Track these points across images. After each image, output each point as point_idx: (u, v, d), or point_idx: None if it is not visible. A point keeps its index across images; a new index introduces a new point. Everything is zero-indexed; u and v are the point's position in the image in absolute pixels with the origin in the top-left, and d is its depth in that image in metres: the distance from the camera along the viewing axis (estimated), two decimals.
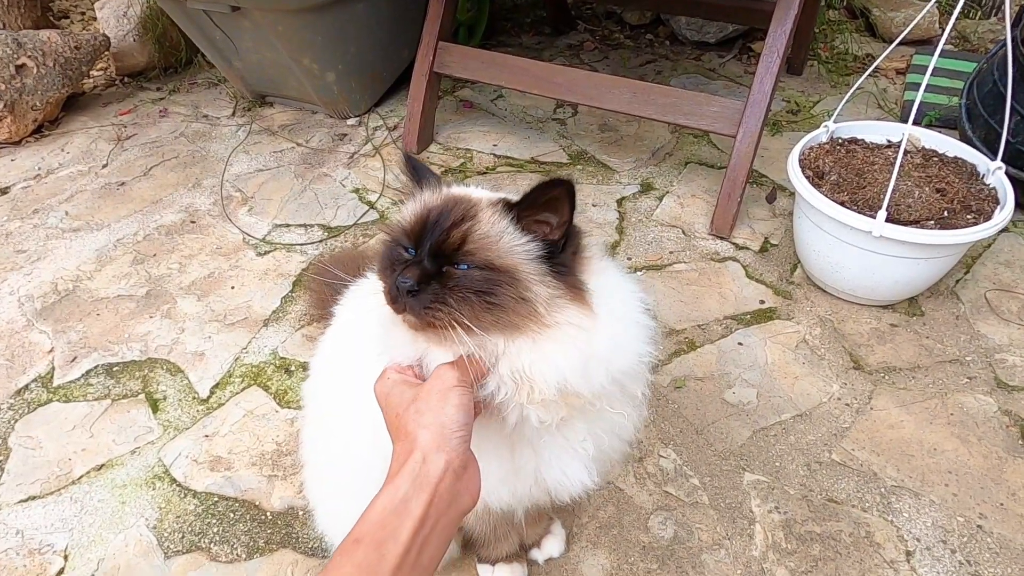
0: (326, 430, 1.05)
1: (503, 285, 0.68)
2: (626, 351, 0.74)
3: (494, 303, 0.68)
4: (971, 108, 1.97)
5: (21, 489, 1.35)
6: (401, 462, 0.66)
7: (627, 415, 0.81)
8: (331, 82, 2.39)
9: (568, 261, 0.72)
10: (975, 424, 1.40)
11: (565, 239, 0.72)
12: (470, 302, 0.67)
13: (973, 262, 1.80)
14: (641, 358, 0.77)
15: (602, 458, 0.85)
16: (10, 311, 1.77)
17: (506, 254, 0.70)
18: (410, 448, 0.66)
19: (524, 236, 0.71)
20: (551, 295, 0.69)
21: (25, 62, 2.42)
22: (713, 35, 2.99)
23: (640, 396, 0.81)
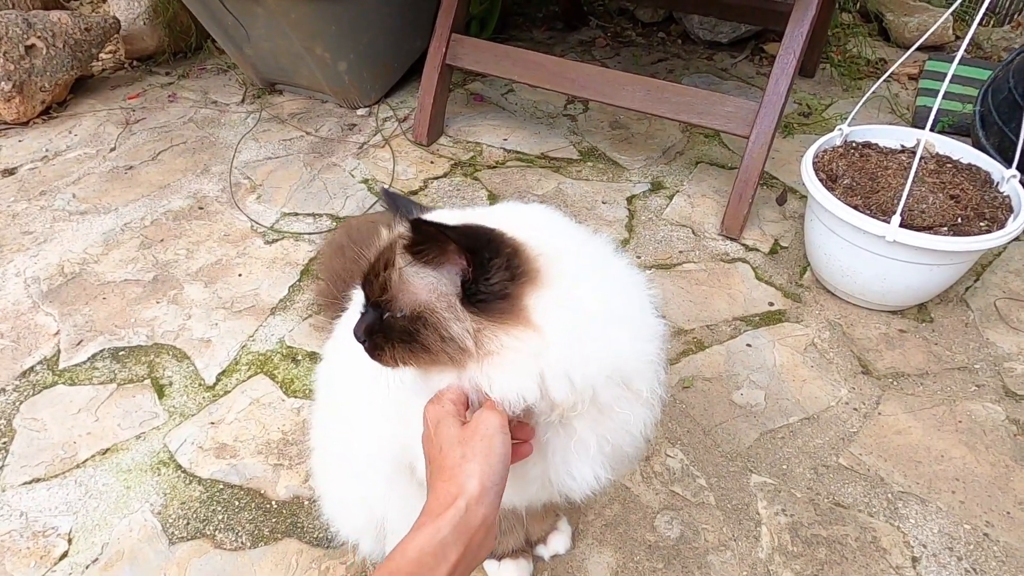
0: (337, 417, 1.04)
1: (423, 328, 0.68)
2: (597, 355, 0.70)
3: (421, 345, 0.69)
4: (985, 115, 1.97)
5: (26, 471, 1.35)
6: (444, 504, 0.66)
7: (634, 414, 0.78)
8: (342, 71, 2.38)
9: (493, 288, 0.67)
10: (983, 432, 1.40)
11: (479, 270, 0.67)
12: (404, 347, 0.70)
13: (983, 270, 1.79)
14: (639, 356, 0.74)
15: (616, 455, 0.83)
16: (16, 292, 1.76)
17: (416, 298, 0.69)
18: (455, 493, 0.66)
19: (432, 273, 0.69)
20: (476, 328, 0.67)
21: (35, 43, 2.41)
22: (726, 35, 2.98)
23: (646, 394, 0.77)
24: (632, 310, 0.75)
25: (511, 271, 0.67)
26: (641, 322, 0.76)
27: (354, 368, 0.96)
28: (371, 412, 0.91)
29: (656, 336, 0.78)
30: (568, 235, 0.76)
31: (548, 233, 0.74)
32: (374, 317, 0.72)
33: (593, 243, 0.79)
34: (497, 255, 0.67)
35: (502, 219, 0.73)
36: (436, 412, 0.71)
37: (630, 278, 0.79)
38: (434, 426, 0.71)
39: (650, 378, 0.78)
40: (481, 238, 0.67)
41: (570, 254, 0.73)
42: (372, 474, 0.98)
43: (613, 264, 0.78)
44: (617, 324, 0.72)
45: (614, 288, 0.74)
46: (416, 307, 0.69)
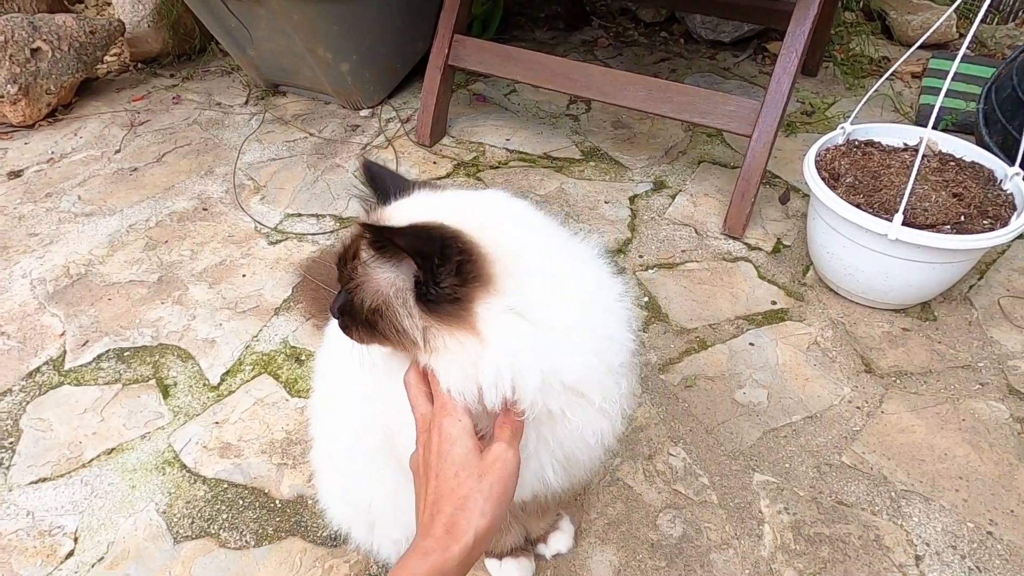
0: (328, 405, 1.05)
1: (380, 319, 0.71)
2: (538, 366, 0.70)
3: (380, 332, 0.72)
4: (989, 113, 1.96)
5: (32, 471, 1.36)
6: (454, 536, 0.67)
7: (587, 422, 0.77)
8: (345, 72, 2.39)
9: (442, 291, 0.68)
10: (987, 430, 1.40)
11: (428, 273, 0.68)
12: (367, 332, 0.73)
13: (987, 268, 1.79)
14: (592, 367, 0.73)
15: (569, 461, 0.83)
16: (23, 293, 1.77)
17: (376, 291, 0.71)
18: (466, 528, 0.67)
19: (391, 269, 0.70)
20: (424, 325, 0.69)
21: (40, 46, 2.42)
22: (728, 34, 2.98)
23: (599, 403, 0.76)
24: (593, 321, 0.74)
25: (462, 276, 0.67)
26: (603, 333, 0.75)
27: (340, 352, 0.96)
28: (355, 395, 0.92)
29: (621, 347, 0.77)
30: (538, 238, 0.75)
31: (515, 235, 0.73)
32: (345, 299, 0.75)
33: (565, 248, 0.77)
34: (446, 261, 0.67)
35: (470, 214, 0.72)
36: (453, 428, 0.71)
37: (600, 287, 0.77)
38: (449, 443, 0.70)
39: (608, 388, 0.77)
40: (433, 242, 0.67)
41: (532, 260, 0.72)
42: (358, 460, 0.98)
43: (583, 271, 0.76)
44: (570, 335, 0.71)
45: (575, 298, 0.73)
46: (375, 299, 0.71)
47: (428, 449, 0.72)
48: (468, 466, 0.69)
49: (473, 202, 0.77)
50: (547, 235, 0.77)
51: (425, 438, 0.73)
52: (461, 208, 0.74)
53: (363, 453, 0.97)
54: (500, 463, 0.70)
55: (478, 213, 0.73)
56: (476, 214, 0.73)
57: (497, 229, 0.71)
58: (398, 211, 0.75)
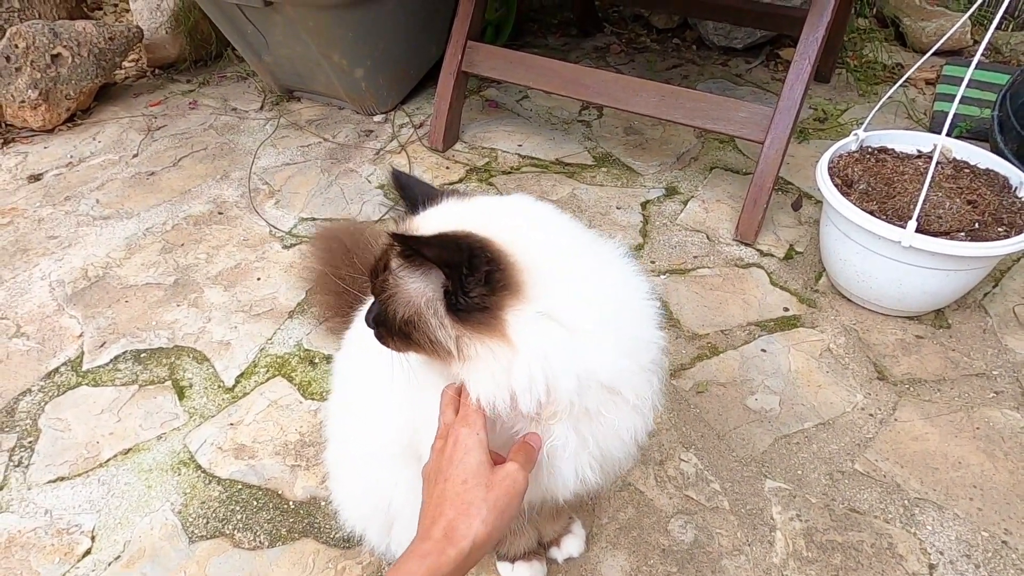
0: (350, 407, 1.06)
1: (414, 331, 0.72)
2: (572, 370, 0.71)
3: (415, 342, 0.73)
4: (1004, 120, 1.95)
5: (50, 470, 1.38)
6: (452, 540, 0.68)
7: (622, 419, 0.79)
8: (359, 78, 2.41)
9: (472, 301, 0.69)
10: (1001, 439, 1.39)
11: (456, 283, 0.69)
12: (401, 342, 0.75)
13: (1002, 276, 1.78)
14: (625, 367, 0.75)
15: (604, 458, 0.84)
16: (42, 295, 1.80)
17: (408, 302, 0.72)
18: (465, 533, 0.68)
19: (421, 279, 0.71)
20: (457, 334, 0.71)
21: (61, 52, 2.47)
22: (740, 41, 2.98)
23: (633, 401, 0.78)
24: (621, 321, 0.75)
25: (490, 285, 0.68)
26: (631, 332, 0.77)
27: (368, 357, 0.98)
28: (384, 400, 0.93)
29: (649, 345, 0.79)
30: (565, 242, 0.76)
31: (542, 240, 0.74)
32: (379, 309, 0.76)
33: (592, 250, 0.78)
34: (474, 271, 0.68)
35: (497, 221, 0.73)
36: (469, 438, 0.73)
37: (626, 287, 0.79)
38: (463, 451, 0.72)
39: (640, 386, 0.79)
40: (461, 252, 0.68)
41: (560, 264, 0.73)
42: (381, 462, 0.99)
43: (609, 272, 0.78)
44: (600, 337, 0.72)
45: (603, 299, 0.74)
46: (407, 310, 0.72)
47: (441, 455, 0.74)
48: (478, 476, 0.71)
49: (500, 209, 0.78)
50: (573, 238, 0.78)
51: (440, 444, 0.75)
52: (488, 215, 0.75)
53: (386, 456, 0.98)
54: (509, 481, 0.72)
55: (505, 220, 0.74)
56: (503, 221, 0.74)
57: (524, 235, 0.72)
58: (427, 220, 0.76)
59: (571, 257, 0.75)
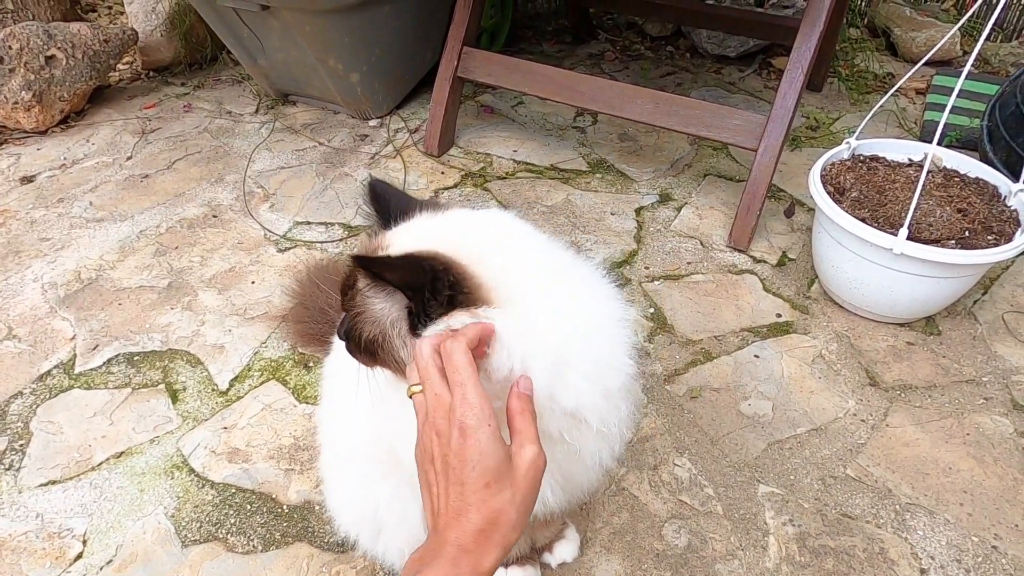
0: (334, 413, 1.06)
1: (379, 349, 0.72)
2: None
3: (380, 360, 0.73)
4: (993, 130, 1.98)
5: (42, 473, 1.37)
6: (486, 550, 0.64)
7: (584, 445, 0.78)
8: (355, 83, 2.42)
9: (431, 323, 0.68)
10: (991, 445, 1.40)
11: (419, 305, 0.68)
12: (368, 356, 0.74)
13: (991, 283, 1.80)
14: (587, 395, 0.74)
15: (566, 481, 0.84)
16: (34, 297, 1.79)
17: (374, 321, 0.71)
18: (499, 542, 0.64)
19: (385, 299, 0.70)
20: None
21: (55, 53, 2.46)
22: (733, 49, 3.00)
23: (596, 427, 0.76)
24: (590, 346, 0.74)
25: (452, 307, 0.68)
26: (600, 359, 0.75)
27: (343, 364, 0.98)
28: (359, 405, 0.93)
29: (618, 372, 0.77)
30: (537, 263, 0.75)
31: (513, 260, 0.72)
32: (349, 325, 0.75)
33: (565, 272, 0.77)
34: (436, 295, 0.67)
35: (468, 239, 0.72)
36: (482, 434, 0.64)
37: (599, 312, 0.77)
38: (478, 452, 0.64)
39: (606, 413, 0.77)
40: (424, 274, 0.67)
41: (530, 286, 0.71)
42: (364, 468, 0.99)
43: (581, 297, 0.76)
44: (565, 363, 0.71)
45: (570, 325, 0.72)
46: (373, 329, 0.71)
47: (447, 447, 0.65)
48: (500, 477, 0.64)
49: (473, 226, 0.76)
50: (547, 259, 0.76)
51: (444, 428, 0.66)
52: (459, 233, 0.73)
53: (368, 461, 0.98)
54: (533, 471, 0.66)
55: (476, 238, 0.73)
56: (474, 239, 0.72)
57: (494, 255, 0.71)
58: (398, 237, 0.75)
59: (543, 278, 0.73)
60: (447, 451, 0.65)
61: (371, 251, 0.74)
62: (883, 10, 3.10)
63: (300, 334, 1.46)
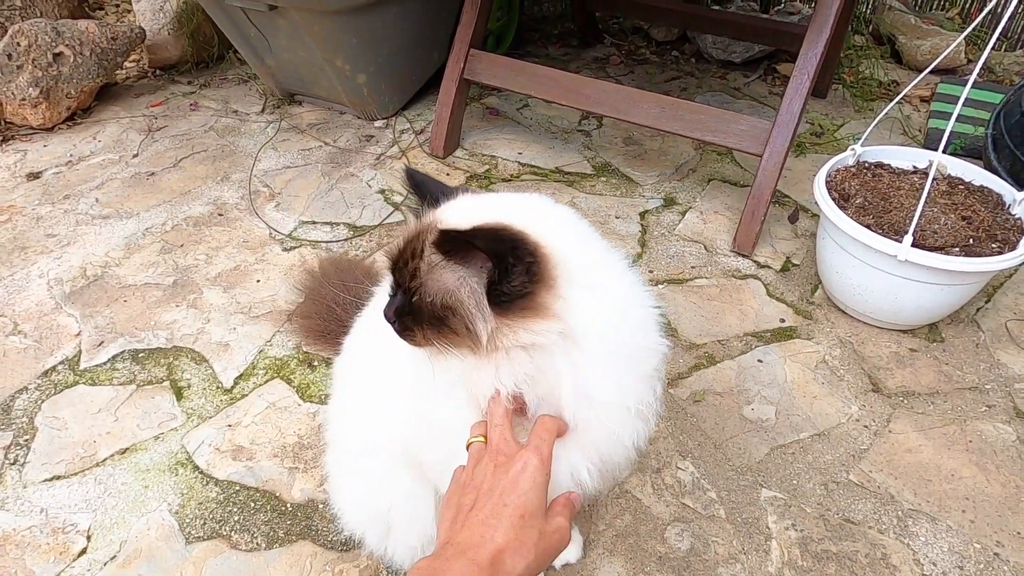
0: (350, 411, 1.06)
1: (452, 316, 0.72)
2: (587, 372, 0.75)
3: (450, 328, 0.73)
4: (997, 138, 1.98)
5: (46, 468, 1.38)
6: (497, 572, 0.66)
7: (623, 425, 0.81)
8: (362, 84, 2.42)
9: (512, 289, 0.70)
10: (993, 452, 1.41)
11: (503, 273, 0.70)
12: (433, 329, 0.73)
13: (995, 291, 1.80)
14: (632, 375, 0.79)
15: (604, 463, 0.85)
16: (39, 293, 1.80)
17: (444, 289, 0.72)
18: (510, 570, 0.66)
19: (461, 269, 0.71)
20: (495, 326, 0.71)
21: (63, 50, 2.47)
22: (739, 55, 3.01)
23: (636, 409, 0.80)
24: (634, 330, 0.78)
25: (530, 275, 0.70)
26: (635, 342, 0.79)
27: (370, 361, 0.98)
28: (384, 406, 0.94)
29: (654, 355, 0.81)
30: (585, 246, 0.78)
31: (569, 240, 0.76)
32: (403, 300, 0.75)
33: (610, 258, 0.81)
34: (519, 261, 0.69)
35: (525, 216, 0.75)
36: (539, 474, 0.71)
37: (638, 296, 0.81)
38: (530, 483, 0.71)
39: (643, 393, 0.81)
40: (505, 243, 0.69)
41: (586, 267, 0.75)
42: (379, 467, 1.00)
43: (625, 281, 0.81)
44: (615, 343, 0.76)
45: (621, 306, 0.77)
46: (446, 297, 0.72)
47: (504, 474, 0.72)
48: (535, 517, 0.70)
49: (525, 205, 0.79)
50: (592, 243, 0.80)
51: (503, 461, 0.73)
52: (516, 210, 0.76)
53: (384, 460, 0.98)
54: (559, 536, 0.72)
55: (533, 215, 0.76)
56: (531, 216, 0.75)
57: (554, 232, 0.74)
58: (452, 214, 0.77)
59: (590, 262, 0.77)
60: (502, 478, 0.71)
61: (430, 225, 0.75)
62: (888, 18, 3.11)
63: (307, 331, 1.47)
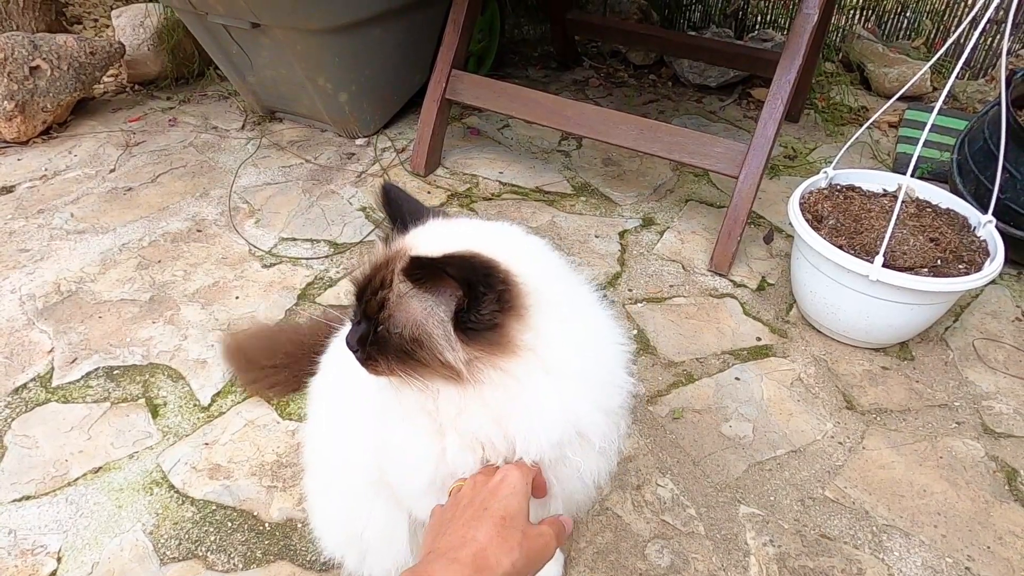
0: (324, 432, 1.05)
1: (419, 349, 0.70)
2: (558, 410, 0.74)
3: (419, 362, 0.71)
4: (962, 163, 2.05)
5: (16, 488, 1.34)
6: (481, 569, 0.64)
7: (586, 462, 0.80)
8: (343, 102, 2.44)
9: (483, 318, 0.69)
10: (963, 468, 1.44)
11: (473, 302, 0.69)
12: (399, 361, 0.72)
13: (962, 311, 1.86)
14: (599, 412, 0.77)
15: (566, 500, 0.85)
16: (11, 309, 1.76)
17: (414, 321, 0.71)
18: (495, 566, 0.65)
19: (430, 298, 0.70)
20: (468, 357, 0.70)
21: (40, 64, 2.44)
22: (714, 79, 3.09)
23: (599, 446, 0.79)
24: (602, 365, 0.78)
25: (500, 304, 0.69)
26: (604, 378, 0.79)
27: (341, 384, 0.98)
28: (356, 429, 0.93)
29: (620, 390, 0.80)
30: (556, 278, 0.78)
31: (541, 268, 0.76)
32: (367, 329, 0.74)
33: (582, 291, 0.81)
34: (489, 289, 0.69)
35: (495, 244, 0.74)
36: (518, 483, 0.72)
37: (611, 332, 0.81)
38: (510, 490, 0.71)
39: (608, 430, 0.80)
40: (477, 271, 0.68)
41: (557, 298, 0.75)
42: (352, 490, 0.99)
43: (598, 316, 0.81)
44: (578, 380, 0.75)
45: (593, 341, 0.77)
46: (414, 329, 0.71)
47: (484, 487, 0.72)
48: (517, 519, 0.69)
49: (495, 234, 0.79)
50: (564, 275, 0.80)
51: (483, 479, 0.74)
52: (486, 239, 0.76)
53: (357, 483, 0.97)
54: (543, 541, 0.71)
55: (503, 244, 0.75)
56: (501, 245, 0.75)
57: (524, 261, 0.74)
58: (421, 240, 0.76)
59: (560, 294, 0.76)
60: (481, 490, 0.71)
61: (399, 253, 0.74)
62: (857, 46, 3.21)
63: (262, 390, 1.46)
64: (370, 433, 0.88)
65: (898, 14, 3.47)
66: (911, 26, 3.46)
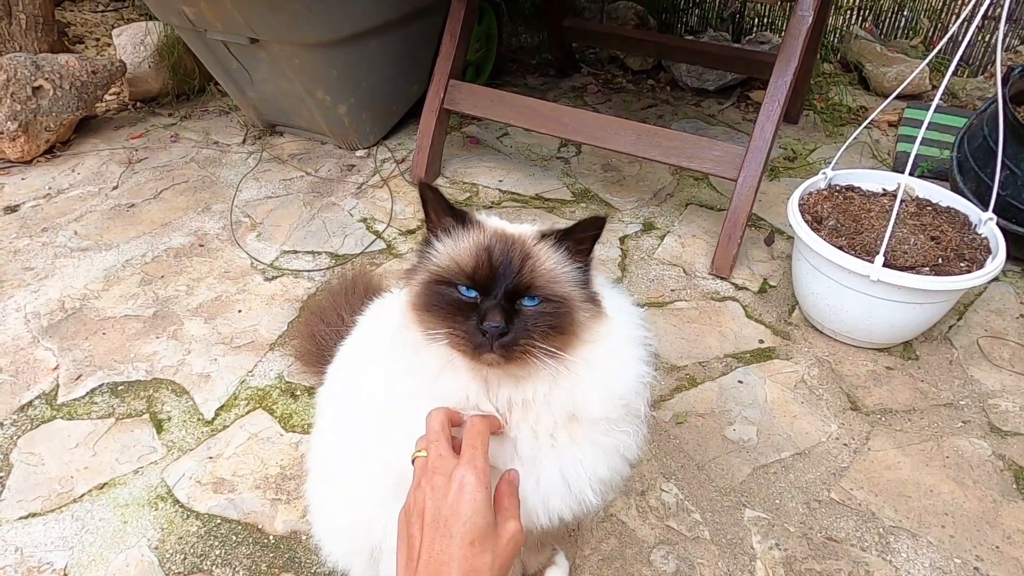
0: (335, 439, 1.05)
1: (564, 312, 0.76)
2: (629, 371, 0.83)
3: (561, 329, 0.76)
4: (962, 161, 2.05)
5: (22, 506, 1.35)
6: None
7: (631, 432, 0.86)
8: (343, 114, 2.45)
9: (592, 282, 0.81)
10: (970, 467, 1.43)
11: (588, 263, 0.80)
12: (548, 332, 0.75)
13: (966, 309, 1.85)
14: (641, 377, 0.85)
15: (606, 478, 0.87)
16: (16, 327, 1.77)
17: (563, 284, 0.78)
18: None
19: (569, 265, 0.79)
20: (589, 315, 0.79)
21: (42, 84, 2.47)
22: (712, 83, 3.09)
23: (643, 414, 0.86)
24: (637, 337, 0.86)
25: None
26: (642, 348, 0.86)
27: (357, 392, 0.98)
28: (372, 437, 0.93)
29: (647, 360, 0.88)
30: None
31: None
32: (509, 304, 0.75)
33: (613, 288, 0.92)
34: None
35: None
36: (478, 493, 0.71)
37: (632, 307, 0.92)
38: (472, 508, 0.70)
39: (644, 398, 0.87)
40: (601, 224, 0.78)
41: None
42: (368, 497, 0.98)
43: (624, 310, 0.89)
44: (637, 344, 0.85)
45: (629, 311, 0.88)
46: (562, 294, 0.77)
47: (443, 500, 0.70)
48: (485, 540, 0.69)
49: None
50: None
51: (442, 483, 0.71)
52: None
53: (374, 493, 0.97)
54: (513, 544, 0.71)
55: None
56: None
57: None
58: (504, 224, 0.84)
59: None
60: (441, 504, 0.70)
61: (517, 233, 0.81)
62: (855, 46, 3.21)
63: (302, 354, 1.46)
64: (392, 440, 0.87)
65: (895, 13, 3.47)
66: (909, 25, 3.47)
